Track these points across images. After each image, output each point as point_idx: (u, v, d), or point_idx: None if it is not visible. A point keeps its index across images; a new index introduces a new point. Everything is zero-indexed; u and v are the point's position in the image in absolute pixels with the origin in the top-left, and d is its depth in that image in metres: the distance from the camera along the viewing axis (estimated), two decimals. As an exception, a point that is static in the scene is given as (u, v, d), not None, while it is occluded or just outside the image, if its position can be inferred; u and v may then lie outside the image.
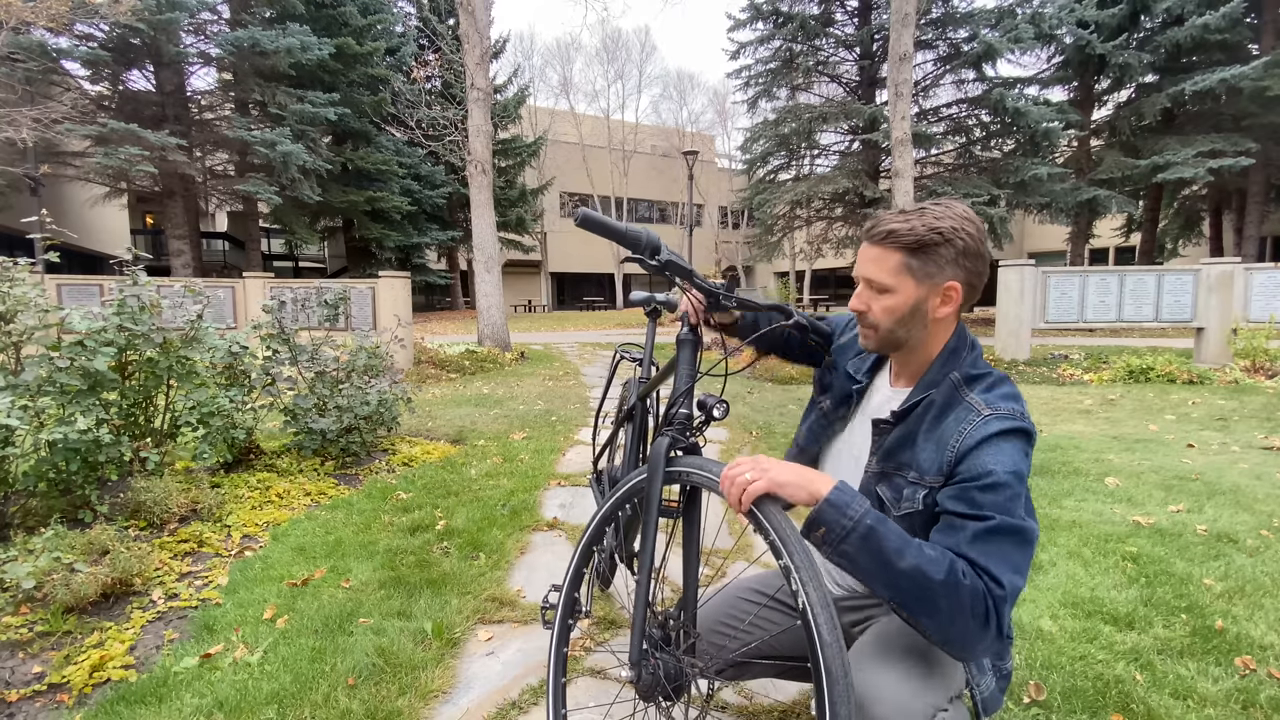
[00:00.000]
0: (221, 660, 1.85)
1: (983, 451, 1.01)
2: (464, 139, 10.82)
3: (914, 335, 1.15)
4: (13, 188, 14.50)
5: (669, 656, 1.13)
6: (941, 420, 1.10)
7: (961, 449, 1.03)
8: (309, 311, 4.10)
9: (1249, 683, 1.66)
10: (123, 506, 2.72)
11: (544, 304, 35.73)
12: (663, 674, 1.12)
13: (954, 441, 1.05)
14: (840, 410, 1.30)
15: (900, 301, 1.11)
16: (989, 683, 1.12)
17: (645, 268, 1.18)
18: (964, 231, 1.08)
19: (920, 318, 1.13)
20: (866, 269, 1.14)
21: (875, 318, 1.14)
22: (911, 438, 1.13)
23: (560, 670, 1.41)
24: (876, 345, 1.19)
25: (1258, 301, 8.11)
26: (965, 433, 1.04)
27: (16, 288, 2.68)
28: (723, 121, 43.14)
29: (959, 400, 1.10)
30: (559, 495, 3.40)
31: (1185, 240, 21.35)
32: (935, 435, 1.09)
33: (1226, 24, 14.53)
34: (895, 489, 1.13)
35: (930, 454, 1.08)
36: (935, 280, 1.10)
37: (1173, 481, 3.36)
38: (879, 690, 0.99)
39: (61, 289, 8.71)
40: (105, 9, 13.08)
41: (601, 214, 1.15)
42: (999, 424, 1.03)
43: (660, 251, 1.17)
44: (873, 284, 1.13)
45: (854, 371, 1.31)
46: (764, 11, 17.72)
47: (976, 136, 17.36)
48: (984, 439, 1.02)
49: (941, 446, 1.06)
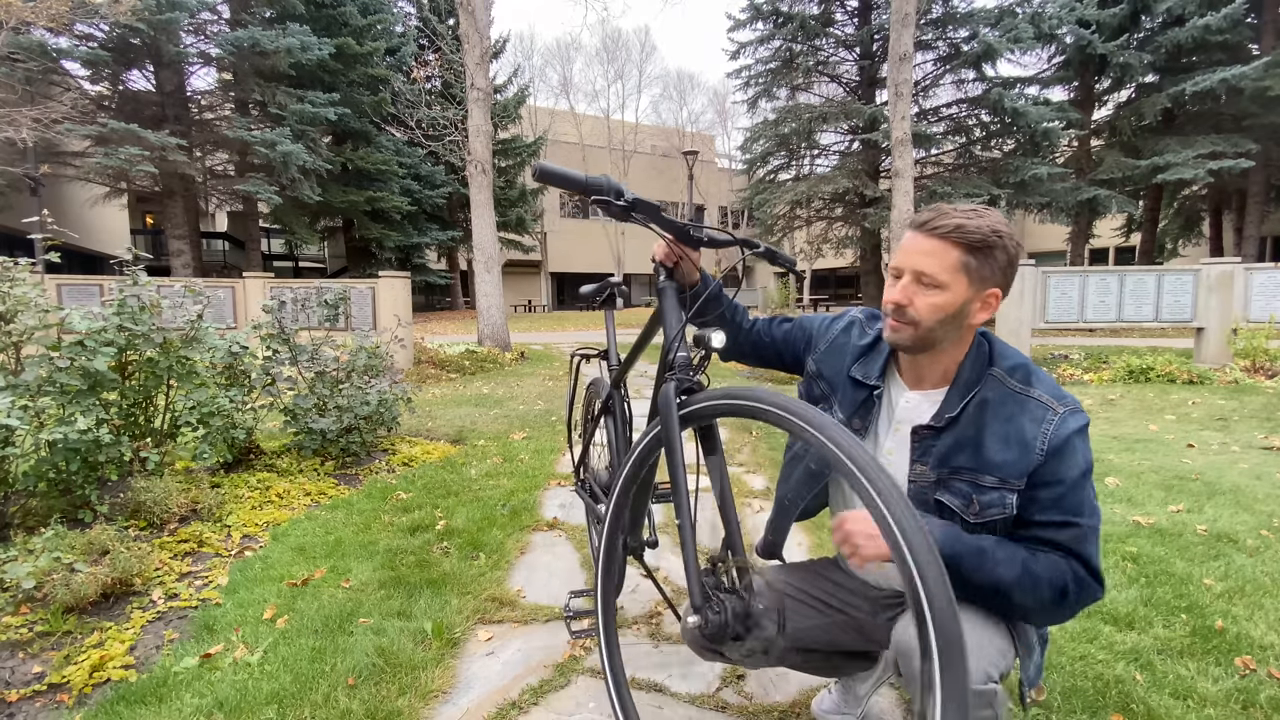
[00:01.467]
0: (221, 660, 1.84)
1: (1067, 453, 1.05)
2: (464, 139, 10.82)
3: (949, 337, 1.12)
4: (13, 188, 14.49)
5: (730, 594, 1.06)
6: (1004, 418, 1.09)
7: (1050, 449, 1.05)
8: (309, 311, 4.10)
9: (1249, 683, 1.66)
10: (123, 506, 2.72)
11: (544, 304, 35.74)
12: (728, 612, 1.03)
13: (1039, 443, 1.06)
14: (857, 420, 1.23)
15: (950, 300, 1.08)
16: (1037, 658, 1.16)
17: (611, 212, 1.17)
18: (1014, 241, 1.09)
19: (960, 320, 1.11)
20: (920, 262, 1.09)
21: (918, 313, 1.09)
22: (973, 441, 1.10)
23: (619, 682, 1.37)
24: (909, 342, 1.13)
25: (1258, 301, 8.10)
26: (1048, 433, 1.06)
27: (17, 288, 2.68)
28: (723, 121, 43.11)
29: (1019, 394, 1.10)
30: (559, 495, 3.40)
31: (1185, 240, 21.35)
32: (1009, 436, 1.08)
33: (1227, 24, 14.52)
34: (963, 495, 1.11)
35: (1010, 456, 1.07)
36: (985, 284, 1.09)
37: (1173, 481, 3.36)
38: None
39: (61, 289, 8.71)
40: (105, 9, 13.08)
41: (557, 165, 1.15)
42: (1074, 421, 1.07)
43: (624, 193, 1.17)
44: (924, 278, 1.08)
45: (864, 377, 1.24)
46: (764, 11, 17.72)
47: (976, 136, 17.36)
48: (1069, 436, 1.06)
49: (1025, 448, 1.06)
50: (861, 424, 1.23)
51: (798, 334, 1.41)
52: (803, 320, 1.43)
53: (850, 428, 1.23)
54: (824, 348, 1.34)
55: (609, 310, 2.02)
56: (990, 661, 1.01)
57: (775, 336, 1.44)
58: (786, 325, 1.44)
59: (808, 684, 1.72)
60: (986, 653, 1.02)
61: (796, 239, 24.27)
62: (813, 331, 1.39)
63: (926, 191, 15.54)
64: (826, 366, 1.31)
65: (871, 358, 1.25)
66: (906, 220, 10.39)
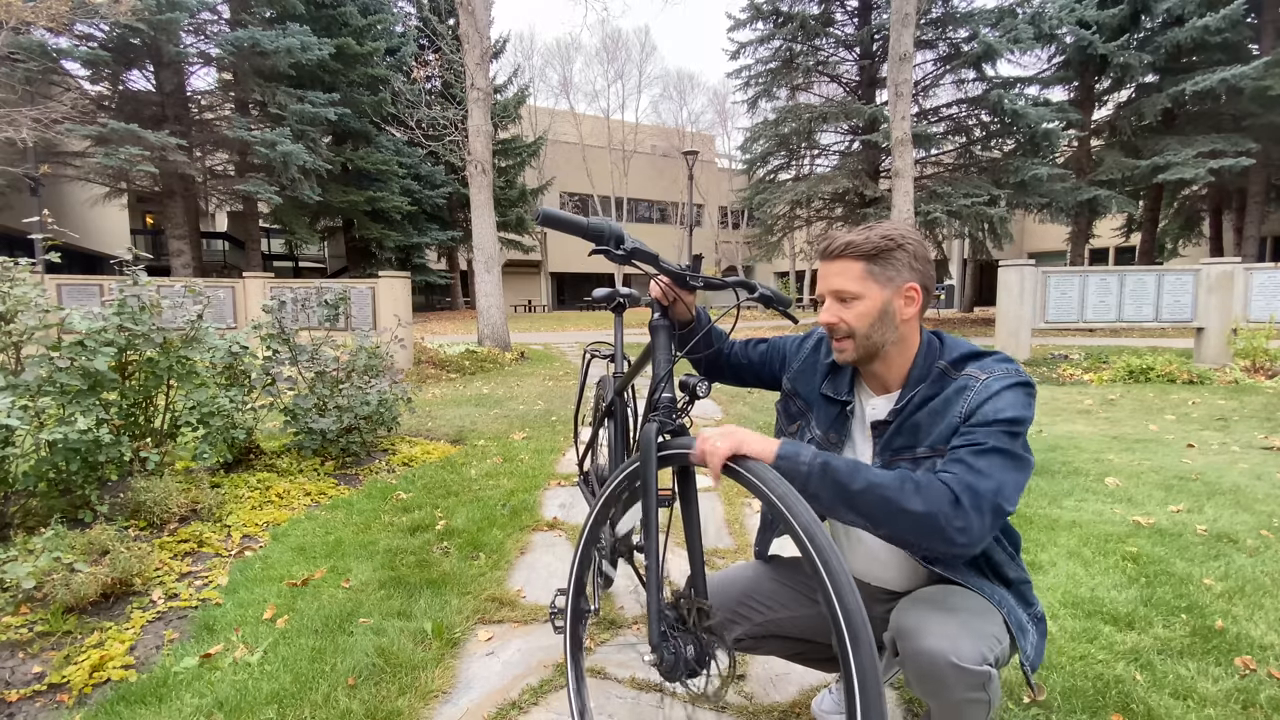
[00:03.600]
0: (221, 660, 1.84)
1: (986, 404, 1.09)
2: (464, 139, 10.82)
3: (888, 338, 1.20)
4: (13, 188, 14.50)
5: (686, 633, 1.17)
6: (945, 403, 1.15)
7: (968, 410, 1.10)
8: (309, 311, 4.09)
9: (1249, 683, 1.66)
10: (123, 506, 2.72)
11: (544, 304, 35.73)
12: (683, 653, 1.15)
13: (961, 407, 1.12)
14: (833, 435, 1.31)
15: (869, 306, 1.18)
16: (1033, 638, 1.18)
17: (611, 259, 1.20)
18: (911, 238, 1.19)
19: (889, 320, 1.19)
20: (832, 282, 1.21)
21: (850, 324, 1.19)
22: (915, 428, 1.18)
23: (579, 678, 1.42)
24: (856, 355, 1.22)
25: (1258, 301, 8.11)
26: (969, 399, 1.11)
27: (17, 288, 2.68)
28: (723, 121, 43.18)
29: (955, 379, 1.16)
30: (559, 495, 3.40)
31: (1185, 240, 21.35)
32: (936, 410, 1.15)
33: (1227, 24, 14.51)
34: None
35: (938, 426, 1.14)
36: (895, 283, 1.18)
37: (1173, 481, 3.36)
38: (930, 624, 1.05)
39: (62, 289, 8.72)
40: (105, 9, 13.09)
41: (560, 210, 1.17)
42: (998, 382, 1.11)
43: (624, 241, 1.20)
44: (840, 294, 1.20)
45: (835, 393, 1.32)
46: (764, 11, 17.72)
47: (976, 136, 17.35)
48: (988, 397, 1.10)
49: (949, 416, 1.13)
50: (838, 437, 1.31)
51: (772, 355, 1.49)
52: (775, 341, 1.50)
53: (828, 441, 1.31)
54: (797, 366, 1.42)
55: (619, 315, 2.03)
56: (985, 645, 1.04)
57: (752, 359, 1.51)
58: (762, 347, 1.51)
59: (808, 684, 1.72)
60: (980, 637, 1.05)
61: (796, 239, 24.29)
62: (786, 351, 1.47)
63: (926, 191, 15.53)
64: (801, 384, 1.40)
65: (839, 373, 1.33)
66: (906, 219, 10.41)
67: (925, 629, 1.05)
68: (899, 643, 1.10)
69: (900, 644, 1.09)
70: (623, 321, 2.05)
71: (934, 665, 1.02)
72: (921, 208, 14.53)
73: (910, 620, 1.08)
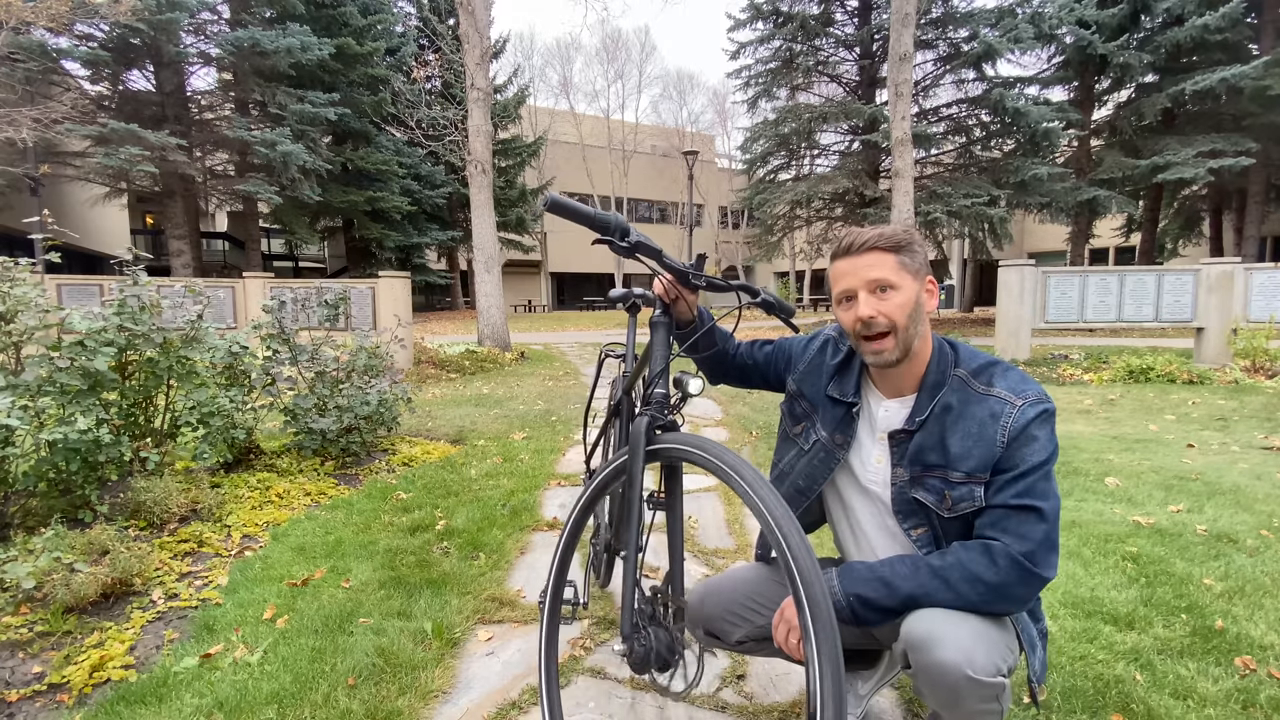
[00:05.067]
0: (221, 660, 1.84)
1: (1024, 440, 1.09)
2: (464, 139, 10.82)
3: (919, 333, 1.18)
4: (13, 188, 14.49)
5: (658, 628, 1.18)
6: (968, 417, 1.14)
7: (1009, 438, 1.10)
8: (309, 311, 4.10)
9: (1249, 683, 1.66)
10: (123, 506, 2.72)
11: (544, 304, 35.73)
12: (654, 646, 1.16)
13: (999, 436, 1.11)
14: (839, 436, 1.29)
15: (907, 297, 1.16)
16: (1040, 654, 1.21)
17: (616, 250, 1.20)
18: (920, 235, 1.21)
19: (920, 313, 1.18)
20: (868, 273, 1.16)
21: (891, 317, 1.15)
22: (937, 440, 1.16)
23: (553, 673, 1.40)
24: (899, 352, 1.17)
25: (1258, 301, 8.11)
26: (1007, 426, 1.11)
27: (17, 288, 2.68)
28: (723, 121, 43.15)
29: (981, 395, 1.15)
30: (559, 495, 3.40)
31: (1185, 240, 21.33)
32: (970, 432, 1.13)
33: (1226, 24, 14.50)
34: (936, 491, 1.16)
35: (975, 452, 1.12)
36: (920, 275, 1.18)
37: (1173, 481, 3.36)
38: (942, 635, 1.04)
39: (62, 289, 8.71)
40: (105, 9, 13.08)
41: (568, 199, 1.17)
42: (1032, 410, 1.11)
43: (630, 234, 1.20)
44: (879, 284, 1.16)
45: (841, 394, 1.30)
46: (764, 11, 17.70)
47: (976, 136, 17.33)
48: (1026, 425, 1.10)
49: (986, 443, 1.11)
50: (843, 438, 1.29)
51: (778, 356, 1.47)
52: (781, 342, 1.49)
53: (833, 443, 1.30)
54: (802, 368, 1.40)
55: (633, 317, 2.04)
56: (999, 655, 1.04)
57: (757, 360, 1.50)
58: (767, 348, 1.50)
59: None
60: (995, 647, 1.04)
61: (796, 239, 24.28)
62: (791, 352, 1.45)
63: (927, 191, 15.52)
64: (806, 386, 1.38)
65: (846, 374, 1.31)
66: (906, 220, 10.39)
67: (938, 640, 1.03)
68: (911, 654, 1.08)
69: (912, 656, 1.07)
70: (636, 322, 2.06)
71: (948, 678, 1.01)
72: (921, 208, 14.52)
73: (922, 631, 1.06)
